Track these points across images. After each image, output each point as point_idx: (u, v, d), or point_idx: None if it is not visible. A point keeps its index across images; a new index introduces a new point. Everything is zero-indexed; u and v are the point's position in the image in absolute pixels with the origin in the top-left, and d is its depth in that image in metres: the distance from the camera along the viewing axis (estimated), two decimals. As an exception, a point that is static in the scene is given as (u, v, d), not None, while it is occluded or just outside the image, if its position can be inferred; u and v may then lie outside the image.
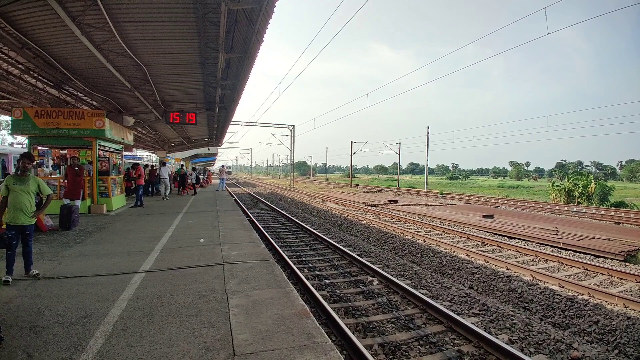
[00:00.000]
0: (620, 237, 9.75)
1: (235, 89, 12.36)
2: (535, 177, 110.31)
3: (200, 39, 8.06)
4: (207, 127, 22.43)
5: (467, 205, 20.63)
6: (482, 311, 5.22)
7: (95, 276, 4.89)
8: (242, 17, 7.29)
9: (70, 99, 12.43)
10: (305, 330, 3.31)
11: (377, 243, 10.39)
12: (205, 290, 4.33)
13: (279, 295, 4.21)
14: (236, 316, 3.58)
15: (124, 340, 3.07)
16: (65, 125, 10.65)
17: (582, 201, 26.36)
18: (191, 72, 10.64)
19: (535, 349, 4.17)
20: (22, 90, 10.82)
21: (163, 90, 12.36)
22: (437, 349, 4.07)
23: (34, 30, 7.36)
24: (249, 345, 3.01)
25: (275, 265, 5.53)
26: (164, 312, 3.67)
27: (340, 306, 5.25)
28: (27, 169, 4.70)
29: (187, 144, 28.69)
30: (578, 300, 5.64)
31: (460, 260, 7.99)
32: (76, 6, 6.33)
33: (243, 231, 8.49)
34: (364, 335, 4.38)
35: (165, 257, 5.90)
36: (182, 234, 7.93)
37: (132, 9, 6.81)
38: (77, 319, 3.46)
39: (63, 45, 8.12)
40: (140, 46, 8.39)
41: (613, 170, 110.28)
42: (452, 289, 6.15)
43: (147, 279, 4.74)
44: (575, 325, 4.98)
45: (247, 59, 8.85)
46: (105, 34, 7.30)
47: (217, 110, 15.01)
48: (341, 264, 7.61)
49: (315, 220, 14.35)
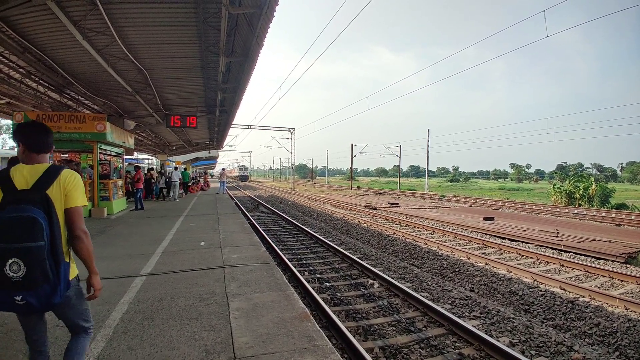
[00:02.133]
0: (621, 239, 9.73)
1: (236, 93, 12.40)
2: (536, 179, 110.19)
3: (201, 43, 8.10)
4: (208, 131, 22.49)
5: (468, 208, 20.62)
6: (483, 314, 5.22)
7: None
8: (242, 21, 7.33)
9: (72, 103, 12.49)
10: (306, 333, 3.31)
11: (377, 246, 10.38)
12: (206, 293, 4.33)
13: (279, 298, 4.21)
14: (237, 319, 3.58)
15: (125, 343, 3.08)
16: (66, 129, 10.70)
17: (583, 203, 26.32)
18: (192, 76, 10.69)
19: (537, 352, 4.16)
20: (24, 94, 10.88)
21: (164, 94, 12.41)
22: (438, 352, 4.06)
23: (36, 34, 7.40)
24: (249, 348, 3.02)
25: (275, 268, 5.53)
26: (164, 315, 3.67)
27: (341, 309, 5.25)
28: None
29: (188, 147, 28.76)
30: (579, 302, 5.64)
31: (461, 262, 7.99)
32: (77, 11, 6.37)
33: (243, 234, 8.49)
34: (364, 338, 4.38)
35: (166, 260, 5.90)
36: (182, 237, 7.94)
37: (133, 13, 6.85)
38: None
39: (64, 50, 8.17)
40: (141, 50, 8.44)
41: (614, 172, 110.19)
42: (453, 292, 6.14)
43: (148, 282, 4.74)
44: (576, 327, 4.97)
45: (247, 62, 8.89)
46: (106, 38, 7.34)
47: (217, 113, 15.06)
48: (342, 267, 7.61)
49: (316, 223, 14.35)
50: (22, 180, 1.86)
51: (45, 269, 1.77)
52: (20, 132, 1.99)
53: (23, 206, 1.78)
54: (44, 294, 1.80)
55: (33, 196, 1.83)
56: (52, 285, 1.82)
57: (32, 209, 1.78)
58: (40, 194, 1.85)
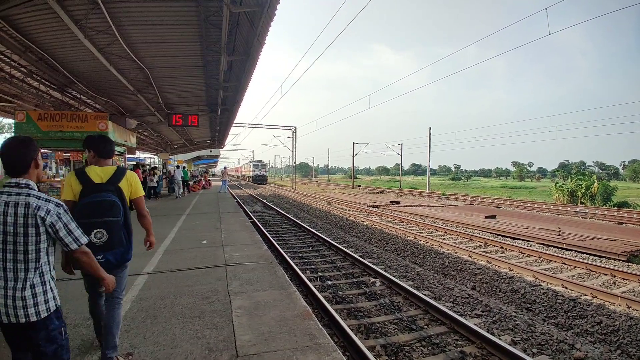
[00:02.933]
0: (623, 237, 9.72)
1: (238, 91, 12.40)
2: (538, 178, 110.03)
3: (202, 41, 8.10)
4: (210, 129, 22.49)
5: (470, 206, 20.60)
6: (484, 312, 5.22)
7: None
8: (243, 19, 7.32)
9: (74, 102, 12.50)
10: (308, 331, 3.32)
11: (379, 244, 10.39)
12: (208, 291, 4.35)
13: (281, 296, 4.22)
14: (239, 317, 3.59)
15: (127, 341, 3.09)
16: (68, 128, 10.70)
17: (585, 201, 26.28)
18: (193, 74, 10.69)
19: (538, 350, 4.16)
20: (25, 93, 10.90)
21: (166, 93, 12.42)
22: (439, 350, 4.07)
23: (37, 33, 7.41)
24: (252, 346, 3.03)
25: (277, 267, 5.55)
26: (167, 313, 3.69)
27: (343, 307, 5.26)
28: None
29: (189, 146, 28.77)
30: (581, 300, 5.63)
31: (463, 261, 7.98)
32: (79, 9, 6.38)
33: (245, 233, 8.51)
34: (366, 337, 4.38)
35: (169, 259, 5.92)
36: (184, 236, 7.96)
37: (135, 12, 6.85)
38: (81, 320, 3.48)
39: (66, 49, 8.18)
40: (142, 49, 8.44)
41: (616, 171, 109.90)
42: (455, 290, 6.14)
43: (151, 281, 4.76)
44: (578, 325, 4.97)
45: (249, 61, 8.88)
46: (108, 37, 7.34)
47: (219, 112, 15.06)
48: (343, 265, 7.62)
49: (317, 222, 14.36)
50: (97, 177, 2.58)
51: (120, 236, 2.56)
52: (91, 142, 2.75)
53: (103, 193, 2.52)
54: (119, 254, 2.59)
55: (109, 187, 2.58)
56: (125, 248, 2.64)
57: (110, 195, 2.54)
58: (115, 186, 2.61)
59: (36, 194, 1.80)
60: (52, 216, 1.78)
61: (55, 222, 1.79)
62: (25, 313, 1.73)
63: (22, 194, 1.77)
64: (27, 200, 1.75)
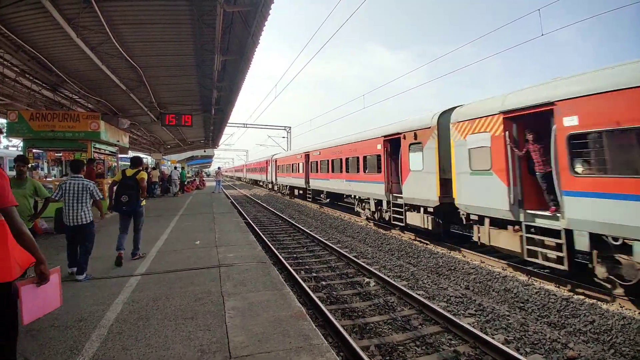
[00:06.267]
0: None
1: (232, 91, 12.36)
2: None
3: (196, 41, 8.06)
4: (204, 129, 22.38)
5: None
6: (478, 311, 5.24)
7: (91, 279, 4.87)
8: (237, 19, 7.29)
9: (66, 102, 12.38)
10: (302, 332, 3.31)
11: (373, 244, 10.39)
12: (201, 292, 4.31)
13: (275, 297, 4.20)
14: (232, 318, 3.57)
15: (120, 343, 3.06)
16: (60, 128, 10.60)
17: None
18: (187, 74, 10.63)
19: (531, 349, 4.18)
20: (18, 93, 10.77)
21: (159, 92, 12.34)
22: (433, 350, 4.08)
23: (30, 32, 7.33)
24: (245, 347, 3.01)
25: (271, 267, 5.52)
26: (159, 315, 3.65)
27: (337, 308, 5.25)
28: (23, 172, 4.79)
29: (183, 146, 28.60)
30: (573, 300, 5.67)
31: (457, 261, 8.01)
32: (71, 8, 6.32)
33: (239, 233, 8.47)
34: (360, 337, 4.38)
35: (161, 260, 5.88)
36: (178, 237, 7.91)
37: (128, 11, 6.80)
38: (72, 322, 3.44)
39: (58, 48, 8.10)
40: (135, 48, 8.38)
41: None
42: (449, 290, 6.17)
43: (143, 282, 4.72)
44: (571, 325, 5.00)
45: (243, 60, 8.86)
46: (100, 36, 7.28)
47: (213, 112, 15.00)
48: (338, 266, 7.61)
49: (312, 222, 14.33)
50: (129, 172, 5.99)
51: (134, 200, 5.83)
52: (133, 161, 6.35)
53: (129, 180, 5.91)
54: (132, 207, 5.86)
55: (133, 177, 5.93)
56: (135, 205, 5.88)
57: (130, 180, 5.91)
58: (134, 178, 5.93)
59: (84, 180, 5.03)
60: (91, 187, 5.00)
61: (93, 189, 5.02)
62: (81, 221, 4.86)
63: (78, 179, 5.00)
64: (82, 181, 4.97)
